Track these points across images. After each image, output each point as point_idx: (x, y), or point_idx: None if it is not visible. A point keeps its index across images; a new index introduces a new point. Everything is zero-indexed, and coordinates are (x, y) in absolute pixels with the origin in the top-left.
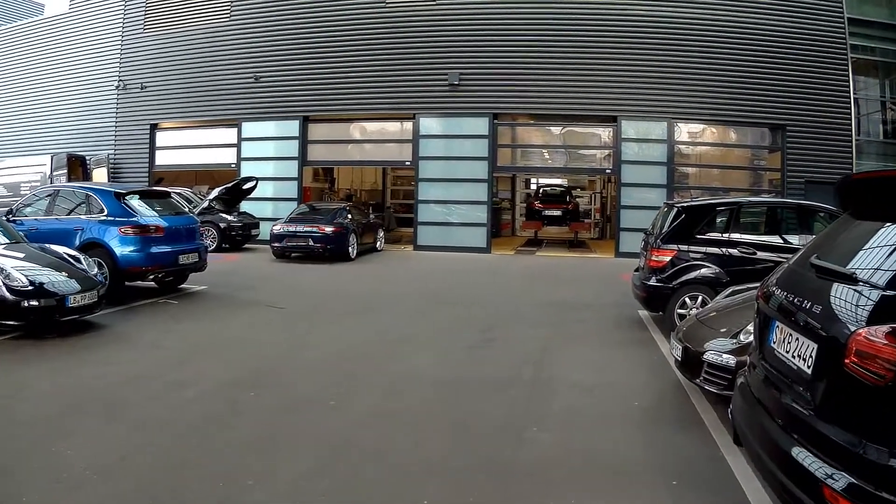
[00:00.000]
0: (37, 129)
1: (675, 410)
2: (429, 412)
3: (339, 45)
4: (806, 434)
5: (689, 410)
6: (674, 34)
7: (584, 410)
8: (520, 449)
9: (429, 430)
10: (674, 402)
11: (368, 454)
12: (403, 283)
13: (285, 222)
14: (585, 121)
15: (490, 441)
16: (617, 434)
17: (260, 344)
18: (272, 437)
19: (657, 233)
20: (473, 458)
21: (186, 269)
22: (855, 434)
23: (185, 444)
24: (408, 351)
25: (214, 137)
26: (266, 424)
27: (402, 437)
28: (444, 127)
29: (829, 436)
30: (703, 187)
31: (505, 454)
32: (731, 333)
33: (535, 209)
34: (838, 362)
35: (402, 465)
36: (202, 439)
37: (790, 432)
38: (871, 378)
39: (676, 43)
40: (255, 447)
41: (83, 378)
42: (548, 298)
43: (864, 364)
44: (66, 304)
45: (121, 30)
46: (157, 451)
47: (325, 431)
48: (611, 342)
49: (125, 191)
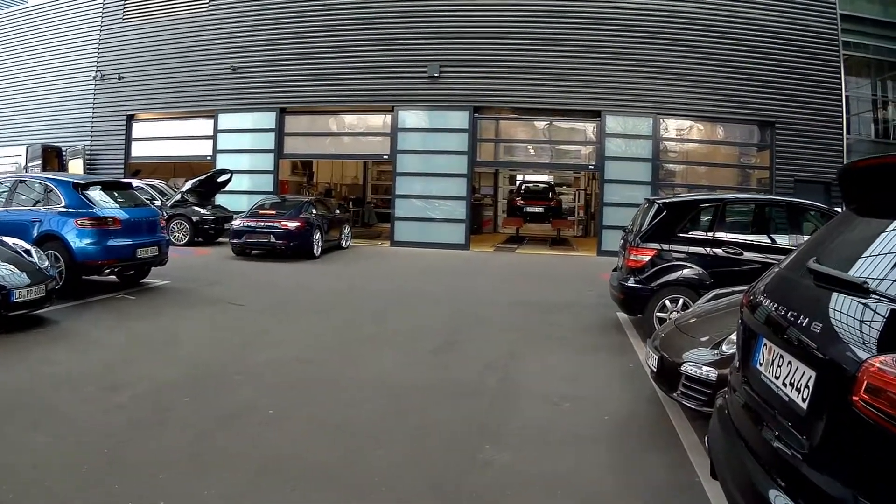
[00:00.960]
0: (13, 119)
1: (649, 427)
2: (377, 425)
3: (316, 36)
4: (792, 481)
5: (664, 427)
6: (661, 27)
7: (548, 426)
8: (471, 472)
9: (374, 445)
10: (648, 418)
11: (299, 474)
12: (370, 282)
13: (244, 217)
14: (568, 115)
15: (440, 461)
16: (582, 455)
17: (210, 343)
18: (197, 451)
19: (636, 230)
20: (419, 480)
21: (146, 263)
22: (855, 489)
23: (100, 456)
24: (364, 354)
25: (191, 129)
26: (194, 435)
27: (342, 453)
28: (423, 120)
29: (822, 487)
30: (690, 185)
31: (455, 477)
32: (713, 343)
33: (516, 206)
34: (843, 398)
35: (335, 486)
36: (120, 451)
37: (773, 475)
38: (885, 422)
39: (663, 36)
40: (175, 462)
41: (14, 379)
42: (522, 298)
43: (878, 403)
44: (11, 299)
45: (100, 19)
46: (69, 464)
47: (259, 445)
48: (584, 347)
49: (85, 181)
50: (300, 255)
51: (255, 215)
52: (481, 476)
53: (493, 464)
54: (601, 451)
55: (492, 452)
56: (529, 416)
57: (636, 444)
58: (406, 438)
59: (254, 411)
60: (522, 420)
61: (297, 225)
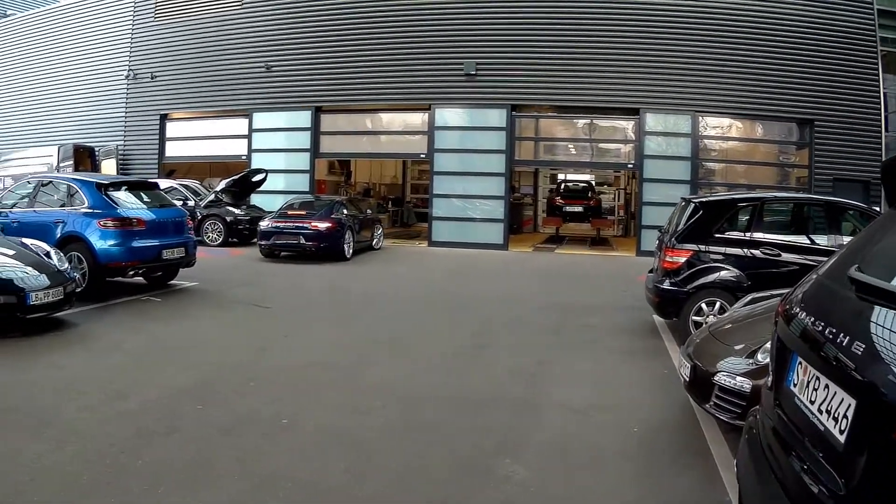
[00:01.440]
0: (46, 119)
1: (679, 440)
2: (389, 435)
3: (352, 34)
4: None
5: (696, 440)
6: (699, 24)
7: (573, 439)
8: (485, 489)
9: (383, 458)
10: (679, 429)
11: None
12: (402, 284)
13: (273, 218)
14: (607, 113)
15: (452, 477)
16: (606, 471)
17: (230, 347)
18: (199, 463)
19: (672, 231)
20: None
21: (172, 264)
22: None
23: (100, 467)
24: (386, 359)
25: (225, 128)
26: (199, 445)
27: (349, 467)
28: (460, 118)
29: None
30: (729, 184)
31: (466, 495)
32: (748, 351)
33: (555, 205)
34: (888, 432)
35: None
36: (121, 461)
37: None
38: None
39: (702, 33)
40: (175, 474)
41: (25, 383)
42: (556, 300)
43: None
44: (28, 302)
45: (131, 19)
46: (67, 474)
47: (262, 457)
48: (617, 352)
49: (108, 181)
50: (331, 256)
51: (284, 216)
52: (496, 493)
53: (511, 480)
54: (627, 466)
55: (510, 468)
56: (553, 427)
57: (664, 460)
58: (416, 451)
59: (263, 420)
60: (546, 432)
61: (327, 226)
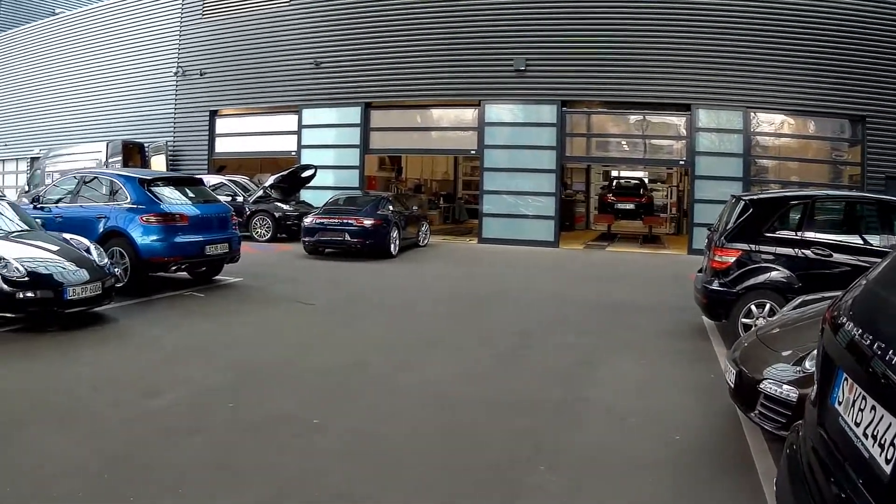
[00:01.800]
0: (98, 115)
1: (722, 450)
2: (422, 439)
3: (401, 30)
4: None
5: (740, 450)
6: (750, 18)
7: (612, 446)
8: (517, 499)
9: (413, 463)
10: (722, 438)
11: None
12: (448, 282)
13: (317, 214)
14: (658, 109)
15: (484, 484)
16: (645, 481)
17: (268, 345)
18: (223, 464)
19: (722, 229)
20: None
21: (215, 260)
22: None
23: (123, 464)
24: (426, 359)
25: (275, 124)
26: (226, 446)
27: (377, 473)
28: (510, 114)
29: None
30: (781, 181)
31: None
32: (796, 357)
33: (607, 202)
34: None
35: None
36: (144, 460)
37: None
38: None
39: (753, 27)
40: (196, 475)
41: (58, 378)
42: (604, 299)
43: None
44: (65, 297)
45: (180, 15)
46: (90, 470)
47: (289, 460)
48: (663, 354)
49: (151, 177)
50: (376, 254)
51: (328, 212)
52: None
53: (545, 489)
54: (666, 476)
55: (543, 476)
56: (592, 433)
57: (706, 471)
58: (448, 457)
59: (294, 421)
60: (584, 438)
61: (373, 222)
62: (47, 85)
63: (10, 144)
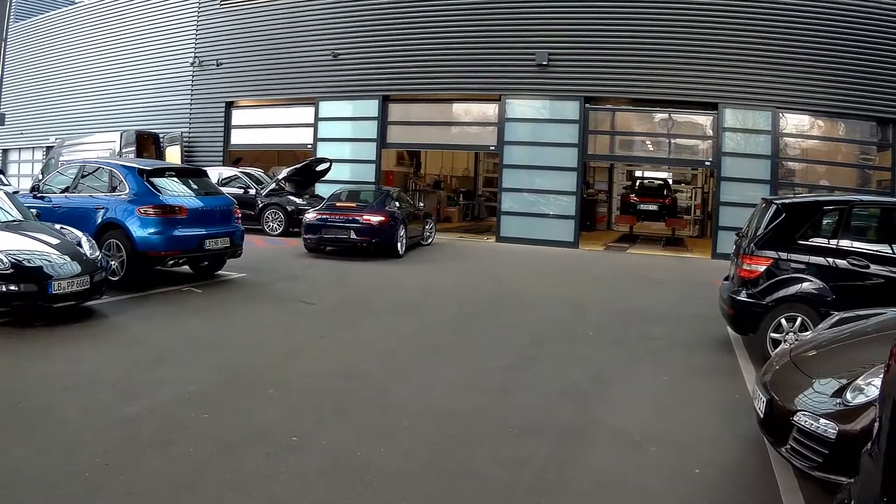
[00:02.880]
0: (114, 105)
1: (747, 487)
2: (409, 464)
3: (420, 21)
4: None
5: (766, 488)
6: (779, 15)
7: (623, 479)
8: None
9: (395, 493)
10: (748, 472)
11: None
12: (459, 285)
13: (320, 210)
14: (683, 107)
15: None
16: None
17: (260, 347)
18: (185, 484)
19: (751, 235)
20: None
21: (215, 254)
22: None
23: (79, 479)
24: (428, 368)
25: (291, 117)
26: (192, 464)
27: None
28: (531, 110)
29: None
30: (809, 185)
31: None
32: (834, 388)
33: (629, 202)
34: None
35: None
36: (101, 476)
37: None
38: None
39: (782, 25)
40: (154, 496)
41: (30, 378)
42: (623, 306)
43: None
44: (49, 291)
45: (197, 4)
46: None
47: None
48: (684, 370)
49: (151, 167)
50: (382, 253)
51: (332, 207)
52: None
53: None
54: None
55: None
56: (602, 462)
57: None
58: (436, 488)
59: (271, 437)
60: (593, 469)
61: (380, 219)
62: (63, 74)
63: (26, 133)
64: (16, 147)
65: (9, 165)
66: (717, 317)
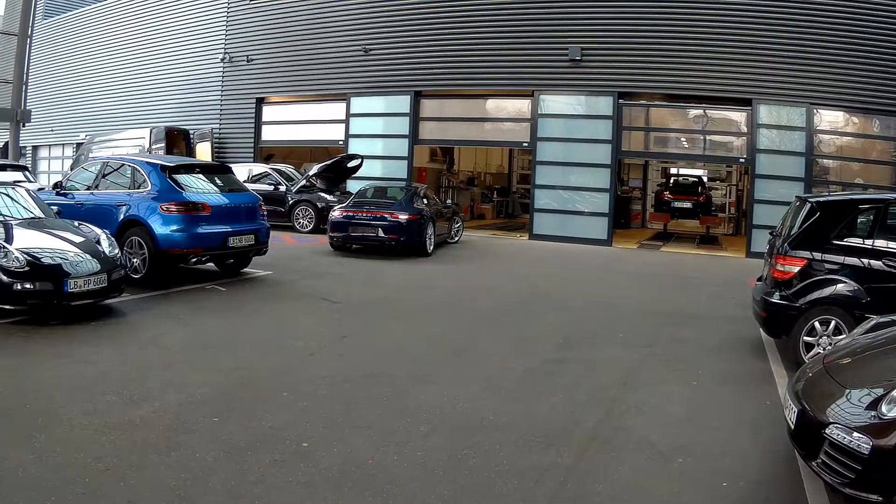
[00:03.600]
0: (144, 101)
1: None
2: (423, 473)
3: (452, 15)
4: None
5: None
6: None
7: (648, 493)
8: None
9: None
10: (777, 486)
11: None
12: (489, 284)
13: (347, 207)
14: (718, 103)
15: None
16: None
17: (279, 348)
18: (188, 494)
19: (785, 234)
20: None
21: (239, 252)
22: None
23: (77, 485)
24: (450, 370)
25: (322, 112)
26: (196, 470)
27: None
28: (565, 106)
29: None
30: (844, 183)
31: None
32: (870, 399)
33: (664, 200)
34: None
35: None
36: (101, 482)
37: None
38: None
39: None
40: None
41: (40, 378)
42: (654, 306)
43: None
44: (65, 289)
45: (226, 1)
46: (41, 489)
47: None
48: (714, 376)
49: (175, 164)
50: (412, 251)
51: (358, 205)
52: None
53: None
54: None
55: None
56: (626, 473)
57: None
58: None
59: (280, 442)
60: (616, 482)
61: (409, 217)
62: (93, 71)
63: (56, 130)
64: (46, 144)
65: (39, 162)
66: (750, 318)
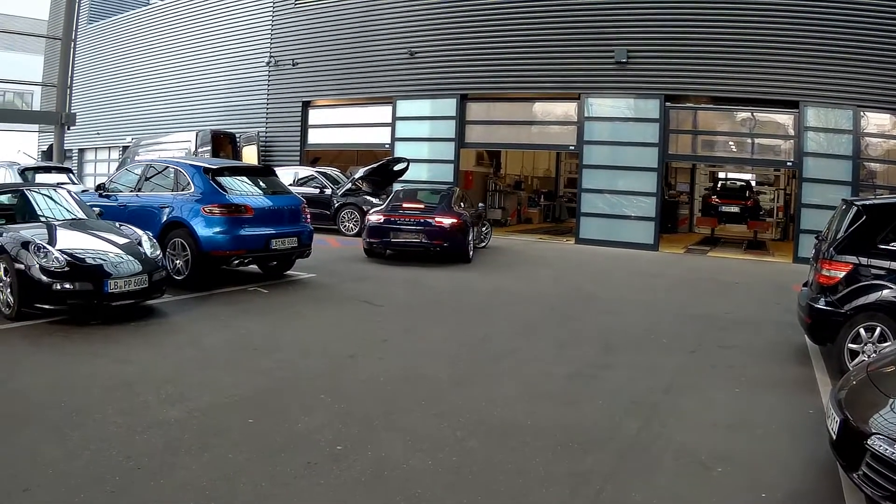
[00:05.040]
0: (191, 105)
1: None
2: (457, 478)
3: (498, 19)
4: None
5: None
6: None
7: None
8: None
9: None
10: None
11: None
12: (533, 288)
13: (386, 212)
14: (764, 106)
15: None
16: None
17: (318, 350)
18: (216, 495)
19: (831, 239)
20: None
21: (281, 254)
22: None
23: (108, 483)
24: (490, 373)
25: (368, 116)
26: (227, 471)
27: None
28: (611, 109)
29: None
30: (891, 187)
31: None
32: None
33: (711, 204)
34: None
35: None
36: (130, 480)
37: None
38: None
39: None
40: None
41: (77, 376)
42: (699, 311)
43: None
44: (105, 290)
45: (272, 4)
46: (70, 486)
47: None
48: (757, 382)
49: (218, 166)
50: (452, 258)
51: (397, 209)
52: None
53: None
54: None
55: None
56: (664, 483)
57: None
58: None
59: (315, 445)
60: (654, 491)
61: (453, 221)
62: (139, 74)
63: (102, 133)
64: (92, 147)
65: (85, 165)
66: (795, 324)
